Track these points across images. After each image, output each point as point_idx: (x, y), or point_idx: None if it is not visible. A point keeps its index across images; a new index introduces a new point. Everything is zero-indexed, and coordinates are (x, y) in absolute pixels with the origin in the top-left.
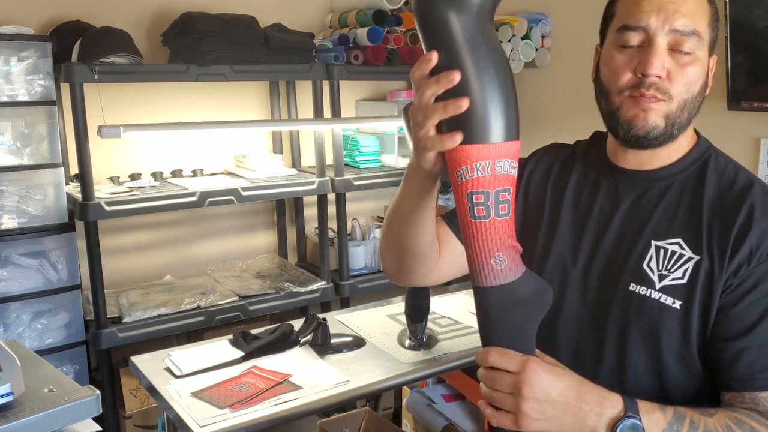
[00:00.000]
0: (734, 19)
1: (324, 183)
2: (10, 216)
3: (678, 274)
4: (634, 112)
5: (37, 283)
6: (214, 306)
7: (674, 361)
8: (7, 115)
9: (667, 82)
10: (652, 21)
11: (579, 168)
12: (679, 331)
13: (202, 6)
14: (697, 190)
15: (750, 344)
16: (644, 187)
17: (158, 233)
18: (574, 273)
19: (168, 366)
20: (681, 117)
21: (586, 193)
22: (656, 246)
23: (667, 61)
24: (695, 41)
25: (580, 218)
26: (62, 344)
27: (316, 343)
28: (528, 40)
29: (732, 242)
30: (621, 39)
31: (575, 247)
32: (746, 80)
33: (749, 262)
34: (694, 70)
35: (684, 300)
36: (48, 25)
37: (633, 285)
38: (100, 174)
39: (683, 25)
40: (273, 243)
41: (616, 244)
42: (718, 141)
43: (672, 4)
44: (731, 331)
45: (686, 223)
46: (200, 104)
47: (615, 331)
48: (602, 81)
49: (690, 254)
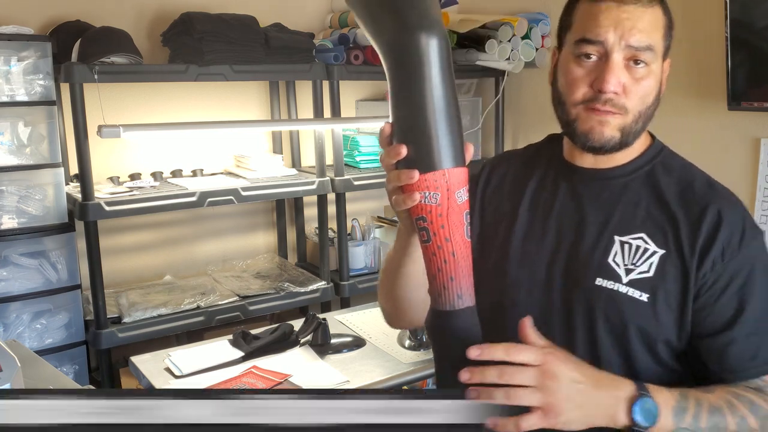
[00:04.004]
0: (734, 19)
1: (324, 183)
2: (10, 216)
3: (644, 268)
4: (590, 125)
5: (37, 283)
6: (214, 306)
7: (643, 353)
8: (7, 115)
9: (623, 97)
10: (609, 36)
11: (537, 170)
12: (646, 322)
13: (202, 6)
14: (656, 187)
15: (736, 336)
16: (603, 185)
17: (158, 233)
18: (538, 273)
19: (168, 366)
20: (636, 127)
21: (546, 193)
22: (620, 241)
23: (623, 75)
24: (650, 55)
25: (541, 219)
26: (62, 344)
27: (316, 343)
28: (528, 40)
29: (702, 240)
30: (578, 50)
31: (538, 248)
32: (746, 80)
33: (723, 258)
34: (648, 82)
35: (651, 293)
36: (48, 25)
37: (600, 280)
38: (100, 174)
39: (638, 40)
40: (273, 243)
41: (580, 241)
42: (718, 141)
43: (629, 21)
44: (715, 326)
45: (648, 219)
46: (200, 104)
47: (584, 326)
48: (559, 90)
49: (655, 248)
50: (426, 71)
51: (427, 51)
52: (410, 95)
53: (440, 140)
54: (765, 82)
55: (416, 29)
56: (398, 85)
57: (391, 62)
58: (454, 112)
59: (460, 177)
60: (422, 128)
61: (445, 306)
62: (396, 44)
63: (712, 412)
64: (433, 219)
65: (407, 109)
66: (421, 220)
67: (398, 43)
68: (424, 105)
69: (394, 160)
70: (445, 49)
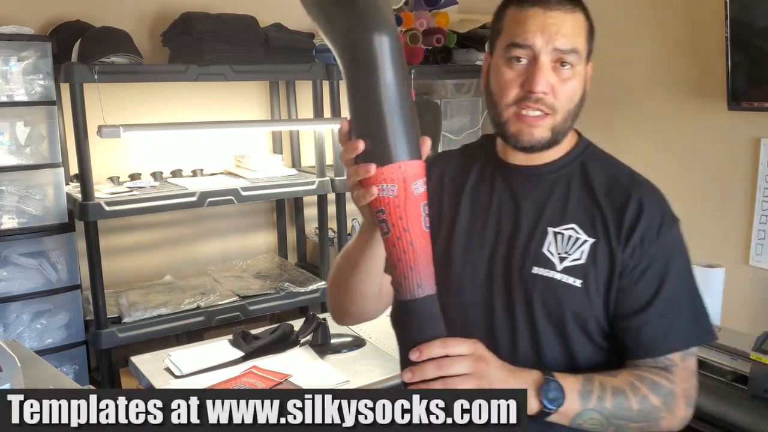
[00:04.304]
0: (734, 19)
1: (324, 183)
2: (10, 216)
3: (576, 256)
4: (519, 128)
5: (37, 283)
6: (214, 306)
7: (579, 335)
8: (7, 115)
9: (552, 97)
10: (537, 40)
11: (475, 168)
12: (580, 306)
13: (202, 6)
14: (585, 181)
15: (650, 317)
16: (536, 180)
17: (158, 233)
18: (480, 265)
19: (168, 366)
20: (565, 126)
21: (484, 189)
22: (553, 232)
23: (551, 77)
24: (574, 57)
25: (481, 214)
26: (62, 344)
27: (316, 343)
28: None
29: (626, 228)
30: (509, 54)
31: (479, 242)
32: (746, 80)
33: (642, 245)
34: (574, 83)
35: (584, 278)
36: (48, 25)
37: (536, 268)
38: (100, 174)
39: (563, 44)
40: (273, 243)
41: (516, 234)
42: (718, 141)
43: (554, 26)
44: (633, 307)
45: (579, 211)
46: (200, 104)
47: (524, 312)
48: (492, 92)
49: (585, 237)
50: (378, 69)
51: (379, 49)
52: (364, 92)
53: (394, 134)
54: (765, 82)
55: (368, 29)
56: (353, 83)
57: (345, 61)
58: (408, 107)
59: (416, 169)
60: (376, 123)
61: (406, 295)
62: (349, 44)
63: (615, 393)
64: (391, 211)
65: (362, 105)
66: (380, 212)
67: (351, 42)
68: (377, 101)
69: (352, 155)
70: (396, 47)
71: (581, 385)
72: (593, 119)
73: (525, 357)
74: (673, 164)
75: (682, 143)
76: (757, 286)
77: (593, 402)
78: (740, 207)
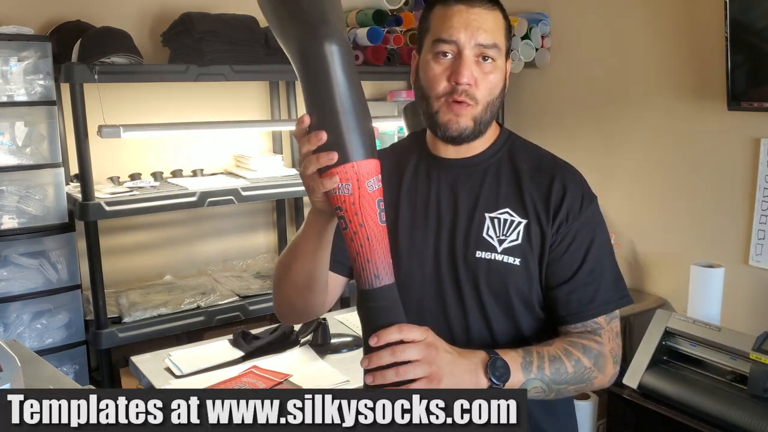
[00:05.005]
0: (734, 19)
1: None
2: (10, 216)
3: (513, 237)
4: (448, 117)
5: (37, 283)
6: (214, 306)
7: (523, 310)
8: (7, 115)
9: (475, 89)
10: (461, 36)
11: (409, 165)
12: (522, 283)
13: (202, 6)
14: (512, 168)
15: (577, 285)
16: (467, 171)
17: (158, 233)
18: (426, 257)
19: (168, 366)
20: (486, 116)
21: (420, 183)
22: (489, 217)
23: (474, 70)
24: (495, 52)
25: (421, 208)
26: (62, 344)
27: (316, 343)
28: (528, 40)
29: (552, 207)
30: (436, 50)
31: (423, 234)
32: (746, 80)
33: (567, 221)
34: (495, 76)
35: (522, 257)
36: (48, 25)
37: (479, 252)
38: (100, 174)
39: (485, 39)
40: (273, 243)
41: (456, 222)
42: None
43: (476, 21)
44: (561, 277)
45: (509, 195)
46: (200, 104)
47: (472, 296)
48: (422, 86)
49: (519, 219)
50: (328, 75)
51: (329, 57)
52: (317, 97)
53: (347, 136)
54: (765, 82)
55: (317, 38)
56: (306, 88)
57: (298, 67)
58: (360, 110)
59: (369, 168)
60: (329, 126)
61: (364, 285)
62: (300, 51)
63: (552, 360)
64: (347, 208)
65: (315, 109)
66: (338, 209)
67: (302, 50)
68: (329, 105)
69: (314, 146)
70: (345, 53)
71: (521, 357)
72: (593, 119)
73: (478, 335)
74: (673, 164)
75: (682, 143)
76: (757, 286)
77: (534, 371)
78: (740, 207)
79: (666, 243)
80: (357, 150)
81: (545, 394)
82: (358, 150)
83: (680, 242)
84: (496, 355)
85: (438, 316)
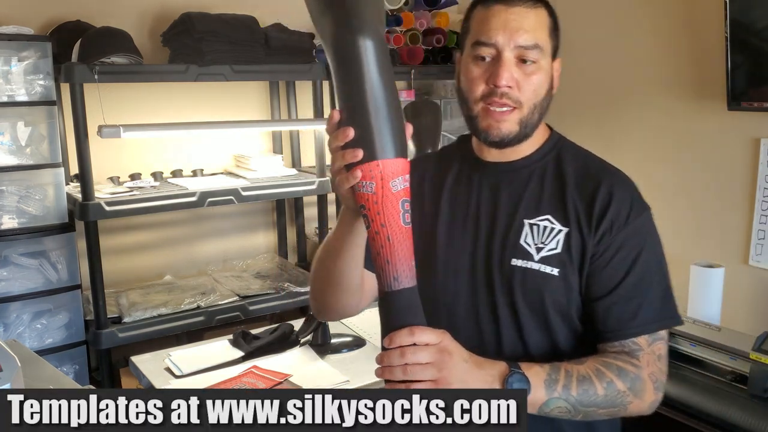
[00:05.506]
0: (734, 19)
1: (324, 183)
2: (10, 216)
3: (552, 245)
4: (488, 123)
5: (37, 283)
6: (214, 306)
7: (560, 322)
8: (8, 115)
9: (517, 91)
10: (499, 38)
11: (452, 168)
12: (560, 294)
13: (202, 6)
14: (558, 173)
15: (617, 299)
16: (511, 176)
17: (158, 233)
18: (463, 260)
19: (168, 366)
20: (533, 119)
21: (462, 188)
22: (529, 224)
23: (515, 72)
24: (537, 52)
25: (461, 211)
26: (62, 344)
27: (316, 343)
28: None
29: (596, 215)
30: (475, 52)
31: (461, 238)
32: (746, 80)
33: (611, 231)
34: (539, 77)
35: (561, 267)
36: (48, 25)
37: (515, 260)
38: (100, 174)
39: (525, 40)
40: (273, 243)
41: (494, 227)
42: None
43: (515, 22)
44: (601, 290)
45: (552, 202)
46: (200, 104)
47: (506, 304)
48: (462, 89)
49: (560, 227)
50: (360, 70)
51: (357, 52)
52: (345, 92)
53: (373, 133)
54: (765, 82)
55: (347, 32)
56: (339, 82)
57: (330, 60)
58: (389, 107)
59: (395, 167)
60: (357, 122)
61: (383, 287)
62: (331, 46)
63: (581, 380)
64: (370, 207)
65: (344, 105)
66: (362, 207)
67: (332, 44)
68: (357, 102)
69: (342, 142)
70: (375, 49)
71: (547, 374)
72: (593, 119)
73: (510, 346)
74: (673, 164)
75: (682, 143)
76: (757, 286)
77: (558, 390)
78: (740, 207)
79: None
80: (383, 148)
81: (571, 415)
82: (385, 148)
83: (680, 242)
84: (517, 368)
85: (470, 323)
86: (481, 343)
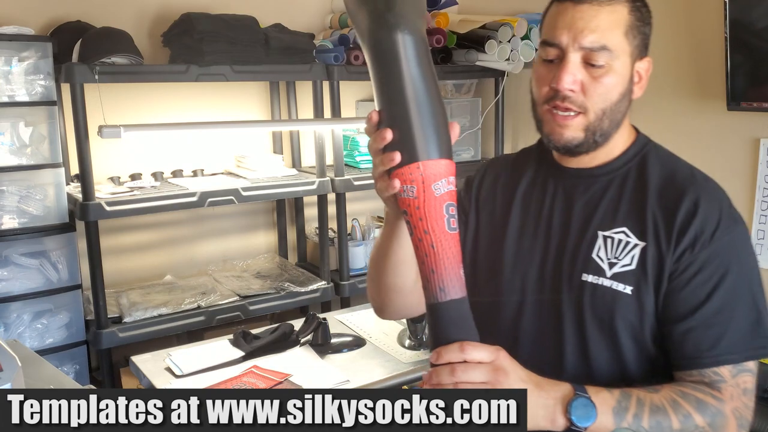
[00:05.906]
0: (734, 19)
1: (324, 183)
2: (10, 216)
3: (627, 261)
4: (551, 127)
5: (38, 283)
6: (215, 306)
7: (631, 345)
8: (8, 115)
9: (582, 95)
10: (563, 38)
11: (528, 172)
12: (632, 315)
13: (202, 6)
14: (640, 181)
15: (696, 324)
16: (589, 183)
17: (158, 233)
18: (531, 272)
19: (168, 366)
20: (603, 125)
21: (536, 194)
22: (603, 236)
23: (581, 74)
24: (606, 55)
25: (532, 219)
26: (63, 344)
27: (316, 343)
28: (528, 40)
29: (677, 229)
30: (543, 53)
31: (530, 247)
32: (746, 80)
33: (693, 248)
34: (609, 80)
35: (635, 285)
36: (48, 26)
37: (585, 275)
38: (101, 174)
39: (591, 41)
40: (273, 243)
41: (566, 238)
42: (718, 141)
43: (581, 21)
44: (679, 312)
45: (630, 213)
46: (200, 104)
47: (572, 321)
48: (531, 91)
49: (636, 241)
50: (398, 68)
51: (394, 49)
52: (383, 92)
53: (413, 134)
54: (765, 82)
55: (382, 28)
56: (376, 81)
57: (367, 58)
58: (429, 106)
59: (437, 169)
60: (395, 123)
61: (429, 298)
62: (368, 43)
63: (654, 411)
64: (411, 212)
65: (382, 105)
66: (404, 213)
67: (369, 41)
68: (394, 101)
69: (381, 144)
70: (419, 45)
71: (616, 401)
72: None
73: (573, 367)
74: None
75: (682, 143)
76: None
77: (629, 420)
78: (740, 207)
79: None
80: (424, 149)
81: None
82: (426, 149)
83: None
84: (583, 392)
85: (531, 339)
86: (540, 361)
